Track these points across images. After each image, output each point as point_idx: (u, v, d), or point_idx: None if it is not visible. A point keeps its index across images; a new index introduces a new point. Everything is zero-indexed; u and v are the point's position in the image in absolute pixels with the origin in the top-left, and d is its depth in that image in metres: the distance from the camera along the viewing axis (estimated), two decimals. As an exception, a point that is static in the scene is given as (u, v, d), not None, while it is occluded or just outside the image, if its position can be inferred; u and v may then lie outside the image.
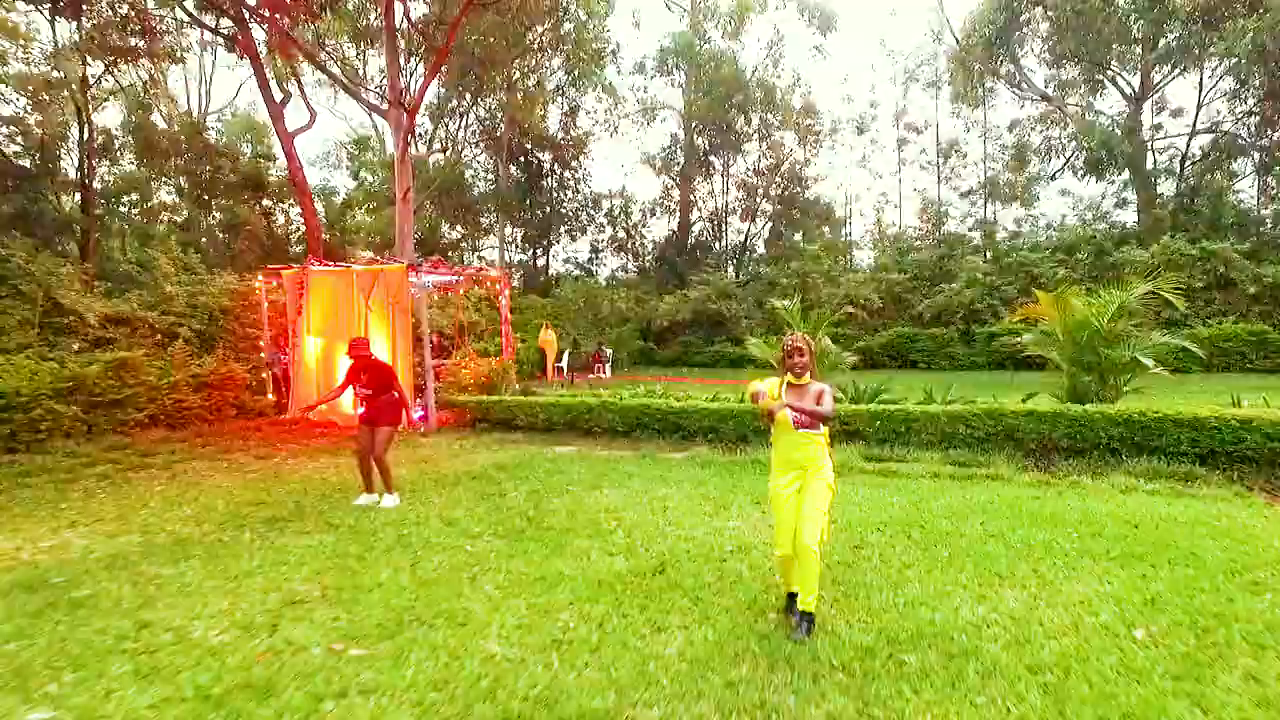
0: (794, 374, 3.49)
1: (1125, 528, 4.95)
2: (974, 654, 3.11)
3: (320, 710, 2.78)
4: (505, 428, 10.30)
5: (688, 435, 8.80)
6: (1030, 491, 6.11)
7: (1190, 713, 2.62)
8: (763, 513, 5.55)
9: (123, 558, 4.75)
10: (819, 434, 3.47)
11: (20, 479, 7.34)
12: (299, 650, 3.31)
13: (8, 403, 8.47)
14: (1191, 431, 6.47)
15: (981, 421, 7.36)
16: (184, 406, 10.48)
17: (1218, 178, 21.36)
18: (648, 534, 5.07)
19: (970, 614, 3.54)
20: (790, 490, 3.48)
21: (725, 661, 3.11)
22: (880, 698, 2.77)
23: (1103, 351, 7.48)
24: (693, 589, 3.97)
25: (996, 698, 2.75)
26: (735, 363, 23.91)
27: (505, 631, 3.47)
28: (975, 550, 4.53)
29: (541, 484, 6.80)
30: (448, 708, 2.77)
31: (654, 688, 2.89)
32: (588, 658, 3.17)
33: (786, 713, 2.68)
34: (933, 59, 28.39)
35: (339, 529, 5.39)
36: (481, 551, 4.78)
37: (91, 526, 5.59)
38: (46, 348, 9.98)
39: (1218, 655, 3.06)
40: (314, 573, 4.39)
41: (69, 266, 10.95)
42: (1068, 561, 4.30)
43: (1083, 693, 2.78)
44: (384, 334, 10.75)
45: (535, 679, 2.97)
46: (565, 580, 4.15)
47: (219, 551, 4.86)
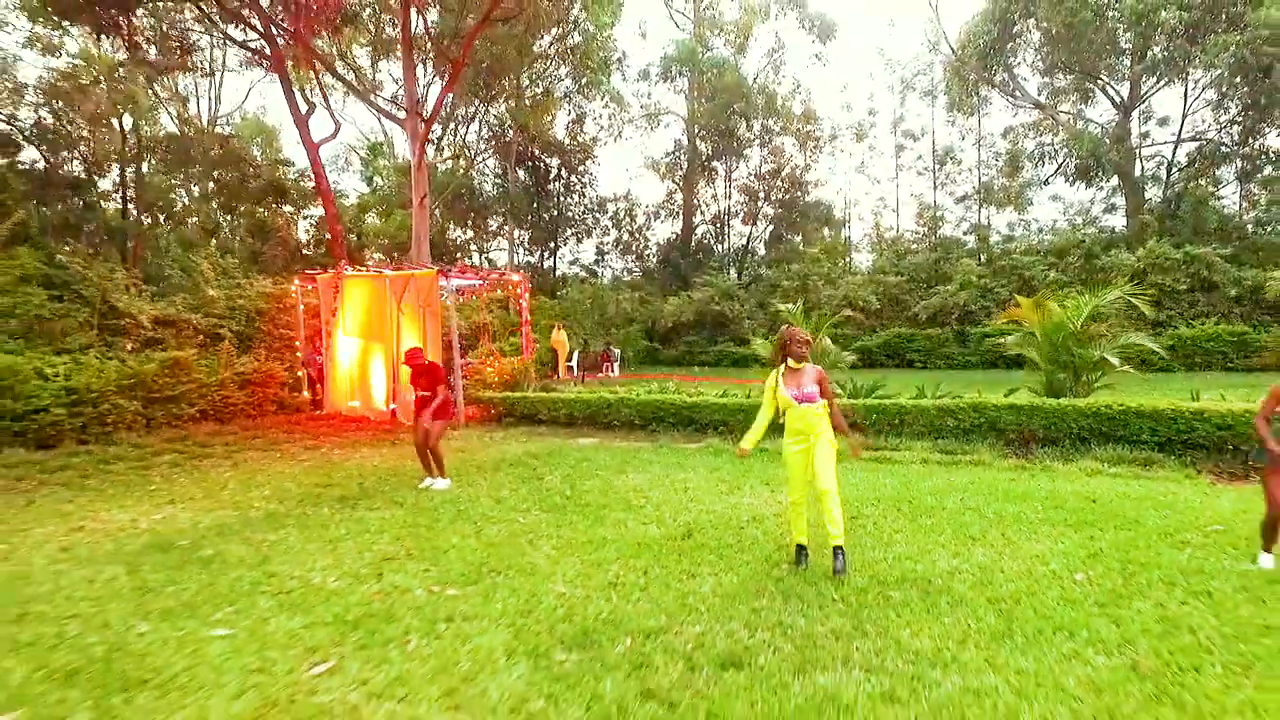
0: (794, 360, 4.32)
1: (1084, 502, 5.77)
2: (946, 591, 3.92)
3: (436, 629, 3.58)
4: (530, 422, 11.11)
5: (700, 428, 9.60)
6: (1007, 475, 6.92)
7: (1107, 627, 3.42)
8: (772, 491, 6.36)
9: (227, 527, 5.56)
10: (817, 407, 4.29)
11: (101, 466, 8.15)
12: (404, 591, 4.11)
13: (79, 397, 9.28)
14: (1151, 422, 7.28)
15: (967, 414, 8.17)
16: (230, 402, 11.27)
17: (1203, 184, 22.20)
18: (673, 508, 5.88)
19: (945, 565, 4.35)
20: (798, 449, 4.32)
21: (749, 596, 3.91)
22: (871, 619, 3.58)
23: (1076, 351, 8.30)
24: (717, 548, 4.78)
25: (960, 618, 3.56)
26: (738, 362, 24.70)
27: (568, 578, 4.27)
28: (954, 519, 5.34)
29: (572, 470, 7.61)
30: (536, 627, 3.57)
31: (694, 614, 3.70)
32: (639, 594, 3.98)
33: (799, 629, 3.49)
34: (929, 68, 29.31)
35: (403, 506, 6.19)
36: (532, 522, 5.59)
37: (186, 504, 6.39)
38: (105, 348, 10.76)
39: (1137, 591, 3.88)
40: (395, 538, 5.20)
41: (121, 272, 11.75)
42: (1030, 527, 5.11)
43: (1029, 615, 3.58)
44: (415, 335, 11.54)
45: (600, 608, 3.78)
46: (609, 543, 4.96)
47: (307, 522, 5.66)
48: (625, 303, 28.25)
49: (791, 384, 4.32)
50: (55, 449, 8.93)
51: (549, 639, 3.41)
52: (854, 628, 3.48)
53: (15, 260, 10.14)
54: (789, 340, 4.38)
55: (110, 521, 5.79)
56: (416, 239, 20.11)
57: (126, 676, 3.11)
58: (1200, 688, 2.84)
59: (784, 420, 4.42)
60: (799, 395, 4.27)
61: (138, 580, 4.37)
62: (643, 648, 3.29)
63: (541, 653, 3.26)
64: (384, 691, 2.95)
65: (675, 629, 3.51)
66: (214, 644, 3.42)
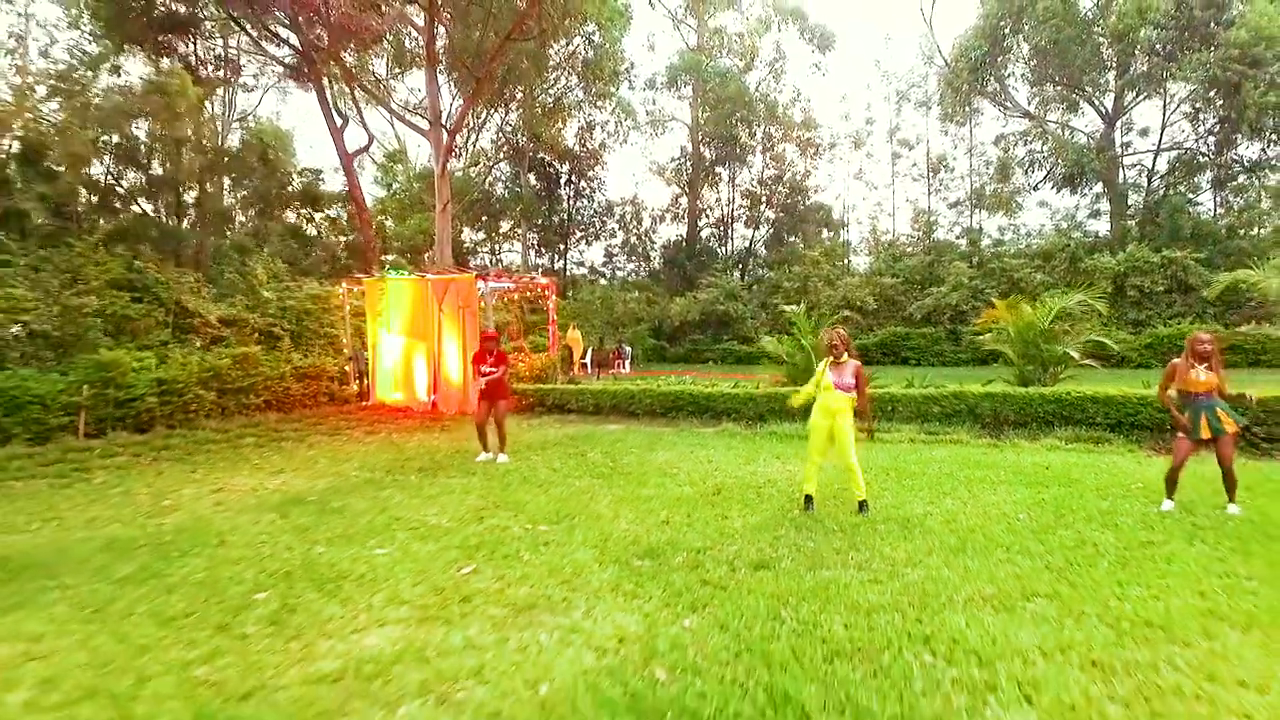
0: (834, 356, 5.59)
1: (1039, 469, 7.02)
2: (919, 525, 5.16)
3: (539, 550, 4.80)
4: (559, 411, 12.34)
5: (716, 415, 10.84)
6: (980, 450, 8.18)
7: (1035, 545, 4.65)
8: (782, 463, 7.61)
9: (339, 488, 6.79)
10: (849, 395, 5.54)
11: (198, 445, 9.38)
12: (504, 529, 5.35)
13: (168, 388, 10.51)
14: (1104, 406, 8.54)
15: (949, 401, 9.42)
16: (290, 393, 12.50)
17: (1181, 191, 23.49)
18: (701, 474, 7.13)
19: (921, 510, 5.59)
20: (824, 423, 5.57)
21: (770, 528, 5.16)
22: (862, 541, 4.82)
23: (1043, 346, 9.55)
24: (741, 499, 6.03)
25: (929, 540, 4.80)
26: (741, 359, 25.98)
27: (628, 520, 5.51)
28: (931, 481, 6.59)
29: (610, 448, 8.85)
30: (614, 548, 4.81)
31: (730, 538, 4.94)
32: (686, 528, 5.22)
33: (809, 547, 4.72)
34: (923, 80, 30.61)
35: (475, 475, 7.42)
36: (586, 485, 6.82)
37: (293, 474, 7.62)
38: (178, 345, 11.99)
39: (1064, 524, 5.12)
40: (479, 496, 6.43)
41: (190, 276, 12.94)
42: (992, 486, 6.36)
43: (979, 539, 4.82)
44: (455, 334, 12.76)
45: (659, 536, 5.02)
46: (654, 498, 6.19)
47: (403, 485, 6.90)
48: (633, 303, 29.49)
49: (835, 374, 5.58)
50: (149, 432, 10.16)
51: (626, 554, 4.65)
52: (849, 546, 4.73)
53: (104, 266, 11.35)
54: (829, 342, 5.70)
55: (240, 485, 7.02)
56: (439, 243, 21.32)
57: (327, 575, 4.34)
58: (1090, 575, 4.09)
59: (819, 398, 5.68)
60: (838, 383, 5.54)
61: (291, 522, 5.60)
62: (696, 558, 4.53)
63: (623, 561, 4.50)
64: (516, 583, 4.18)
65: (718, 547, 4.75)
66: (379, 558, 4.66)
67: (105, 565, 4.55)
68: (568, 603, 3.83)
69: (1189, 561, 4.28)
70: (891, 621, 3.47)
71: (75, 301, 10.71)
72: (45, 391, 9.20)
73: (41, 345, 10.16)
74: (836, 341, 5.68)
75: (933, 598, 3.77)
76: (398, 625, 3.56)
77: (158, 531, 5.37)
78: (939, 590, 3.89)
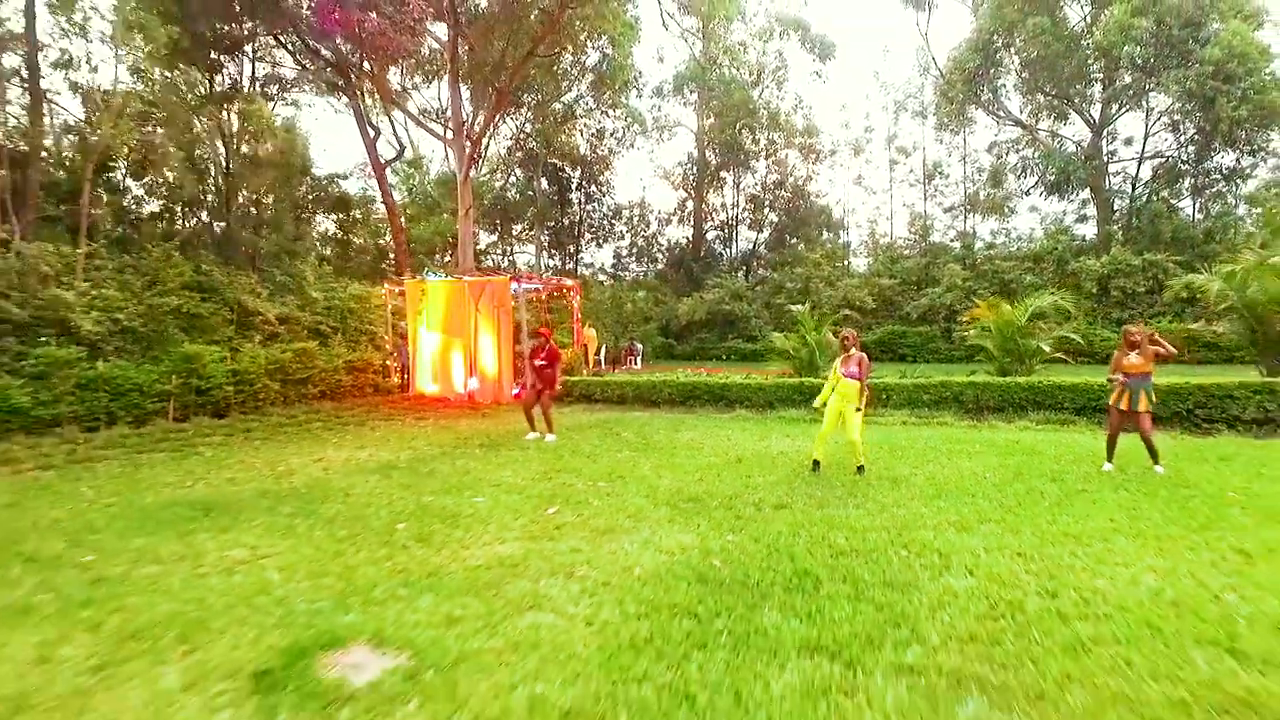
0: (844, 349, 6.87)
1: (1010, 444, 8.29)
2: (905, 481, 6.43)
3: (602, 497, 6.05)
4: (587, 400, 13.61)
5: (730, 403, 12.11)
6: (962, 430, 9.46)
7: (995, 493, 5.92)
8: (791, 440, 8.88)
9: (419, 459, 8.06)
10: (855, 383, 6.80)
11: (277, 429, 10.64)
12: (570, 485, 6.60)
13: (241, 378, 11.78)
14: (1070, 393, 9.81)
15: (936, 389, 10.69)
16: (341, 385, 13.78)
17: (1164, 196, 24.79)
18: (723, 448, 8.40)
19: (907, 472, 6.86)
20: (837, 407, 6.84)
21: (785, 483, 6.43)
22: (859, 491, 6.08)
23: (1020, 341, 10.82)
24: (759, 465, 7.30)
25: (912, 490, 6.06)
26: (746, 356, 27.24)
27: (668, 479, 6.77)
28: (917, 453, 7.87)
29: (640, 430, 10.12)
30: (662, 496, 6.07)
31: (754, 489, 6.21)
32: (717, 483, 6.49)
33: (817, 495, 5.99)
34: (920, 90, 31.95)
35: (529, 450, 8.67)
36: (627, 456, 8.09)
37: (373, 449, 8.89)
38: (242, 340, 13.25)
39: (1019, 481, 6.39)
40: (540, 464, 7.68)
41: (249, 277, 14.21)
42: (967, 456, 7.64)
43: (952, 489, 6.09)
44: (490, 331, 14.02)
45: (696, 489, 6.28)
46: (686, 465, 7.46)
47: (473, 457, 8.16)
48: (641, 302, 30.76)
49: (844, 365, 6.86)
50: (226, 418, 11.43)
51: (673, 500, 5.91)
52: (849, 495, 6.00)
53: (178, 269, 12.61)
54: (842, 337, 7.03)
55: (335, 457, 8.29)
56: (462, 246, 22.59)
57: (444, 514, 5.60)
58: (1032, 510, 5.36)
59: (833, 386, 6.96)
60: (846, 373, 6.82)
61: (395, 482, 6.87)
62: (729, 502, 5.80)
63: (672, 504, 5.77)
64: (592, 517, 5.44)
65: (744, 495, 6.02)
66: (479, 505, 5.91)
67: (270, 507, 5.82)
68: (636, 528, 5.09)
69: (1109, 502, 5.56)
70: (880, 537, 4.74)
71: (156, 301, 11.96)
72: (143, 380, 10.46)
73: (129, 340, 11.41)
74: (847, 335, 6.98)
75: (911, 524, 5.04)
76: (515, 542, 4.83)
77: (291, 487, 6.64)
78: (916, 520, 5.16)
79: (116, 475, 7.35)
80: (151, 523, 5.38)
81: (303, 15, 15.22)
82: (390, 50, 17.11)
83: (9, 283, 9.95)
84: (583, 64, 27.41)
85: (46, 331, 10.21)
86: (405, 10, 15.36)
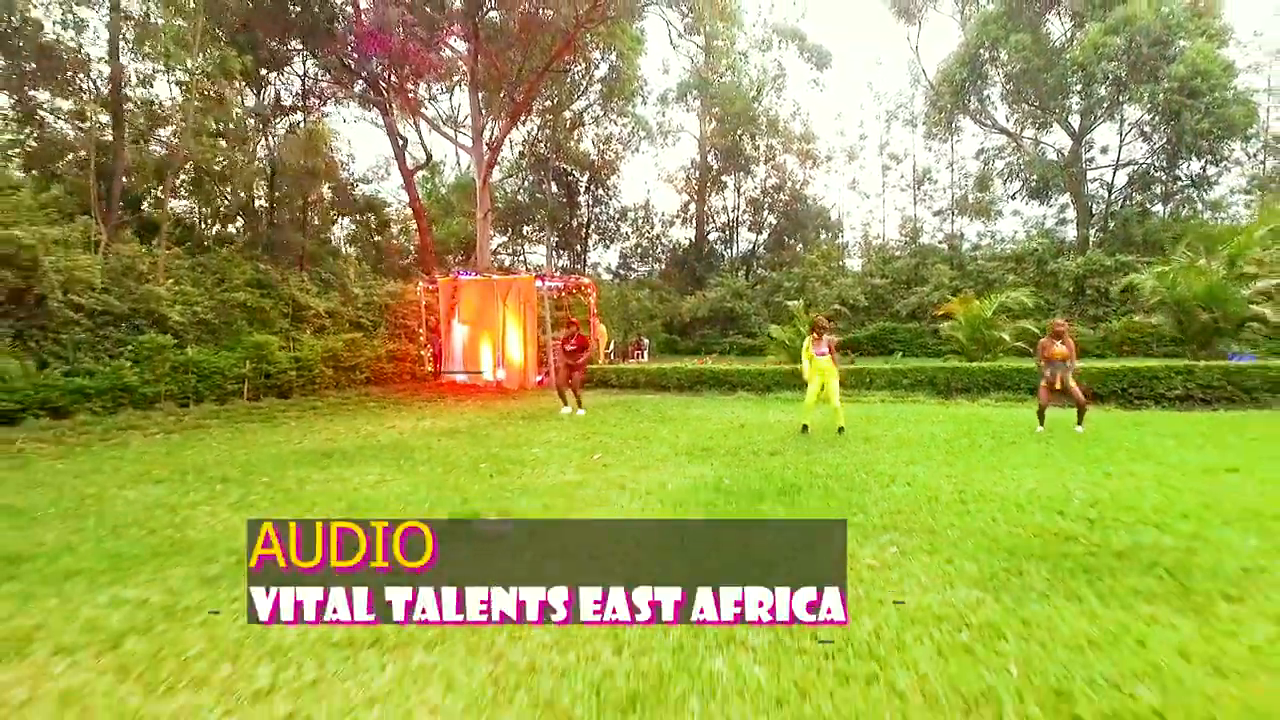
0: (817, 333, 8.47)
1: (969, 415, 9.89)
2: (876, 439, 8.02)
3: (633, 449, 7.64)
4: (604, 385, 15.20)
5: (732, 387, 13.70)
6: (932, 407, 11.05)
7: (945, 445, 7.51)
8: (786, 414, 10.47)
9: (475, 426, 9.63)
10: (828, 359, 8.40)
11: (339, 406, 12.22)
12: (605, 442, 8.18)
13: (302, 364, 13.36)
14: (1025, 376, 11.41)
15: (913, 373, 12.29)
16: (384, 372, 15.36)
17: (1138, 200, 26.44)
18: (728, 419, 9.99)
19: (879, 433, 8.46)
20: (817, 379, 8.44)
21: (780, 439, 8.02)
22: (839, 446, 7.67)
23: (985, 332, 12.41)
24: (759, 429, 8.90)
25: (881, 446, 7.65)
26: (746, 351, 28.83)
27: (683, 438, 8.35)
28: (890, 421, 9.46)
29: (654, 407, 11.70)
30: (679, 447, 7.64)
31: (754, 443, 7.79)
32: (723, 439, 8.08)
33: (806, 447, 7.57)
34: (911, 100, 33.60)
35: (564, 420, 10.25)
36: (646, 425, 9.67)
37: (431, 420, 10.46)
38: (296, 332, 14.82)
39: (965, 438, 7.98)
40: (576, 430, 9.25)
41: (300, 275, 15.78)
42: (930, 424, 9.23)
43: (914, 445, 7.67)
44: (517, 324, 15.60)
45: (708, 442, 7.86)
46: (698, 429, 9.04)
47: (519, 425, 9.74)
48: (645, 300, 32.33)
49: (816, 346, 8.46)
50: (289, 398, 13.01)
51: (689, 449, 7.50)
52: (830, 446, 7.59)
53: (242, 268, 14.19)
54: (816, 321, 8.59)
55: (402, 425, 9.87)
56: (480, 247, 24.18)
57: (511, 460, 7.18)
58: (969, 455, 6.95)
59: (813, 363, 8.56)
60: (818, 353, 8.42)
61: (461, 441, 8.44)
62: (734, 450, 7.39)
63: (689, 453, 7.35)
64: (629, 460, 7.02)
65: (747, 447, 7.61)
66: (537, 454, 7.49)
67: (374, 455, 7.41)
68: (664, 465, 6.69)
69: (1030, 450, 7.16)
70: (849, 467, 6.33)
71: (225, 296, 13.54)
72: (223, 365, 12.04)
73: (205, 330, 12.99)
74: (820, 321, 8.57)
75: (874, 462, 6.64)
76: (575, 473, 6.41)
77: (380, 444, 8.23)
78: (880, 461, 6.75)
79: (231, 438, 8.93)
80: (291, 463, 6.97)
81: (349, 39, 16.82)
82: (421, 67, 18.66)
83: (112, 280, 11.52)
84: (592, 75, 29.00)
85: (140, 321, 11.78)
86: (437, 34, 16.93)
